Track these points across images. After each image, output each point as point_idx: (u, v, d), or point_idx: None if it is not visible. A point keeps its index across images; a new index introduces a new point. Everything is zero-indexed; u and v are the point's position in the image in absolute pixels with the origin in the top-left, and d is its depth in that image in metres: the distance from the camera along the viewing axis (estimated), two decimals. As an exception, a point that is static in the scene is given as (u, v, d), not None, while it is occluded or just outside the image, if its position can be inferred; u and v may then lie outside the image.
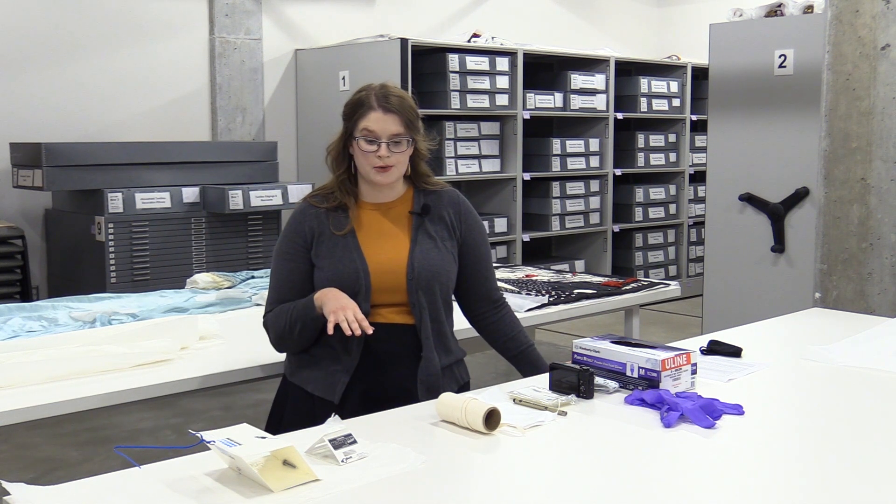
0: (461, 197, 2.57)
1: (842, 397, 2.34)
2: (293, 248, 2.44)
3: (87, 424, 4.25)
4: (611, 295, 3.65)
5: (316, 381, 2.40)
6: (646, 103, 7.37)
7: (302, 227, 2.44)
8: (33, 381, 2.39)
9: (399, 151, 2.38)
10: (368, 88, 2.42)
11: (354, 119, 2.40)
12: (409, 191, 2.51)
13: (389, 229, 2.45)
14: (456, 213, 2.52)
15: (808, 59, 4.68)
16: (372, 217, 2.46)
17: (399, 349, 2.40)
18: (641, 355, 2.25)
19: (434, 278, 2.41)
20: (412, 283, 2.39)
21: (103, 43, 5.64)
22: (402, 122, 2.38)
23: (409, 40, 5.83)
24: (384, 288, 2.38)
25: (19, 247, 4.88)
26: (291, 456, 1.73)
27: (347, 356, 2.37)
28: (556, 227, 6.92)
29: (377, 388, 2.37)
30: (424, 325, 2.40)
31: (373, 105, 2.38)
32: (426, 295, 2.40)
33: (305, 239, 2.43)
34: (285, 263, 2.45)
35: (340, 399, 2.36)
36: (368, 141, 2.36)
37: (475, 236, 2.54)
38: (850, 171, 3.82)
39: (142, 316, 3.14)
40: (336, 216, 2.44)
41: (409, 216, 2.47)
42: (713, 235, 5.27)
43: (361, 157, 2.39)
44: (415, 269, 2.39)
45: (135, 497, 1.67)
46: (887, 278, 3.75)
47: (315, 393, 2.39)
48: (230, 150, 5.51)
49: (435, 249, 2.44)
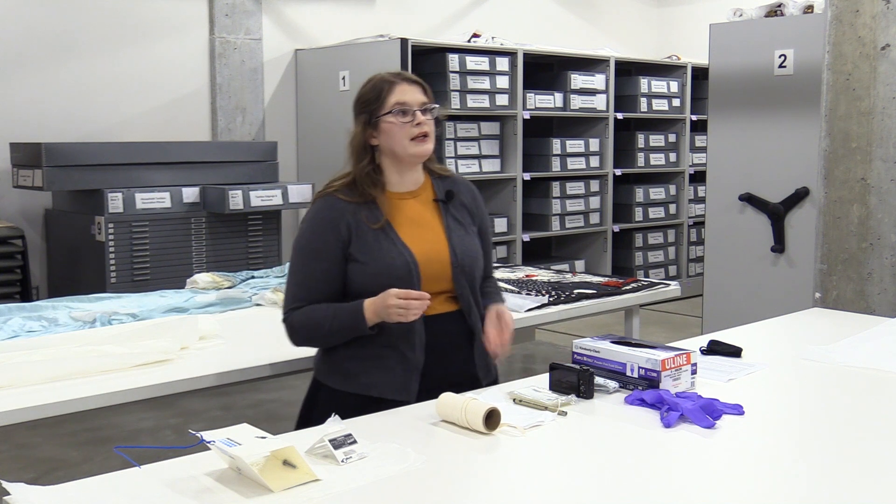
0: (473, 184, 2.61)
1: (842, 397, 2.34)
2: (322, 245, 2.35)
3: (87, 424, 4.25)
4: (611, 295, 3.65)
5: (384, 385, 2.33)
6: (646, 103, 7.37)
7: (337, 223, 2.35)
8: (33, 381, 2.38)
9: (430, 119, 2.40)
10: (381, 73, 2.44)
11: (380, 100, 2.37)
12: (427, 179, 2.51)
13: (421, 218, 2.44)
14: (472, 198, 2.55)
15: (808, 59, 4.68)
16: (401, 207, 2.43)
17: (452, 337, 2.41)
18: (641, 355, 2.25)
19: (474, 263, 2.44)
20: (457, 270, 2.39)
21: (103, 43, 5.64)
22: (424, 92, 2.41)
23: (409, 40, 5.83)
24: (431, 277, 2.37)
25: (19, 247, 4.88)
26: (291, 456, 1.73)
27: (413, 354, 2.34)
28: (556, 227, 6.92)
29: (441, 380, 2.34)
30: (472, 311, 2.42)
31: (395, 80, 2.40)
32: (468, 280, 2.41)
33: (341, 235, 2.34)
34: (313, 261, 2.36)
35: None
36: (402, 113, 2.36)
37: (486, 222, 2.59)
38: (850, 171, 3.82)
39: (142, 316, 3.14)
40: (367, 209, 2.37)
41: (434, 204, 2.47)
42: (713, 235, 5.27)
43: (398, 131, 2.35)
44: (458, 256, 2.40)
45: (135, 497, 1.67)
46: (887, 278, 3.75)
47: (385, 396, 2.31)
48: (230, 150, 5.51)
49: (467, 236, 2.46)
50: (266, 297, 3.42)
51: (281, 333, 3.17)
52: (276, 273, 3.89)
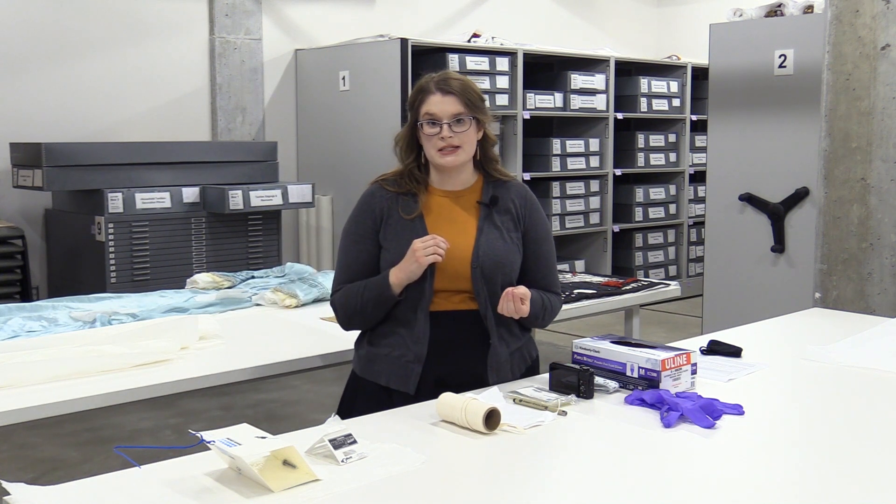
0: (529, 191, 2.59)
1: (842, 397, 2.34)
2: (362, 230, 2.46)
3: (87, 424, 4.25)
4: (611, 295, 3.65)
5: (389, 374, 2.40)
6: (646, 103, 7.37)
7: (372, 208, 2.46)
8: (33, 381, 2.39)
9: (462, 131, 2.40)
10: (429, 76, 2.46)
11: (416, 106, 2.44)
12: (479, 181, 2.52)
13: (457, 216, 2.46)
14: (522, 205, 2.54)
15: (808, 59, 4.68)
16: (441, 203, 2.47)
17: (465, 335, 2.41)
18: (641, 355, 2.25)
19: (497, 268, 2.42)
20: (476, 272, 2.39)
21: (103, 43, 5.64)
22: (462, 102, 2.40)
23: (409, 40, 5.83)
24: (449, 275, 2.39)
25: (19, 247, 4.89)
26: (291, 456, 1.73)
27: (416, 345, 2.37)
28: (556, 227, 6.91)
29: (449, 376, 2.36)
30: (489, 314, 2.41)
31: (431, 89, 2.42)
32: (489, 284, 2.41)
33: (375, 220, 2.45)
34: (354, 245, 2.47)
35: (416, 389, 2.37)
36: (431, 124, 2.39)
37: (539, 231, 2.55)
38: (850, 171, 3.82)
39: (142, 316, 3.14)
40: (406, 200, 2.45)
41: (478, 206, 2.48)
42: (713, 235, 5.27)
43: (426, 141, 2.42)
44: (479, 257, 2.40)
45: (135, 497, 1.67)
46: (887, 278, 3.75)
47: (390, 385, 2.40)
48: (230, 150, 5.51)
49: (500, 240, 2.45)
50: (266, 297, 3.42)
51: (281, 333, 3.18)
52: (275, 273, 3.89)
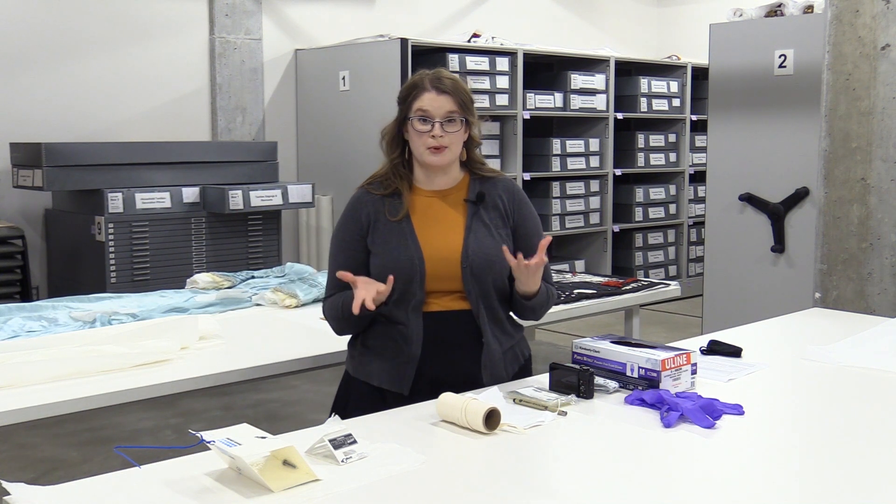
0: (516, 185, 2.57)
1: (842, 397, 2.34)
2: (349, 237, 2.45)
3: (87, 424, 4.25)
4: (611, 295, 3.65)
5: (382, 375, 2.39)
6: (646, 103, 7.37)
7: (358, 214, 2.45)
8: (33, 381, 2.38)
9: (453, 131, 2.38)
10: (423, 72, 2.44)
11: (409, 101, 2.41)
12: (465, 178, 2.50)
13: (444, 216, 2.45)
14: (510, 200, 2.51)
15: (808, 59, 4.68)
16: (427, 203, 2.45)
17: (459, 336, 2.40)
18: (641, 355, 2.25)
19: (487, 266, 2.40)
20: (466, 272, 2.38)
21: (103, 43, 5.64)
22: (455, 102, 2.39)
23: (409, 40, 5.83)
24: (439, 275, 2.38)
25: (19, 247, 4.89)
26: (291, 456, 1.73)
27: (409, 346, 2.37)
28: (557, 227, 6.91)
29: (444, 376, 2.35)
30: (481, 313, 2.40)
31: (426, 87, 2.40)
32: (480, 283, 2.39)
33: (361, 226, 2.43)
34: (341, 252, 2.46)
35: (410, 390, 2.36)
36: (422, 120, 2.37)
37: (529, 226, 2.53)
38: (850, 171, 3.82)
39: (142, 316, 3.14)
40: (392, 202, 2.43)
41: (465, 204, 2.47)
42: (713, 235, 5.27)
43: (416, 137, 2.39)
44: (469, 257, 2.39)
45: (135, 497, 1.67)
46: (887, 278, 3.75)
47: (383, 386, 2.39)
48: (230, 150, 5.51)
49: (489, 237, 2.43)
50: (266, 297, 3.42)
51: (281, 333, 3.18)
52: (275, 273, 3.89)
